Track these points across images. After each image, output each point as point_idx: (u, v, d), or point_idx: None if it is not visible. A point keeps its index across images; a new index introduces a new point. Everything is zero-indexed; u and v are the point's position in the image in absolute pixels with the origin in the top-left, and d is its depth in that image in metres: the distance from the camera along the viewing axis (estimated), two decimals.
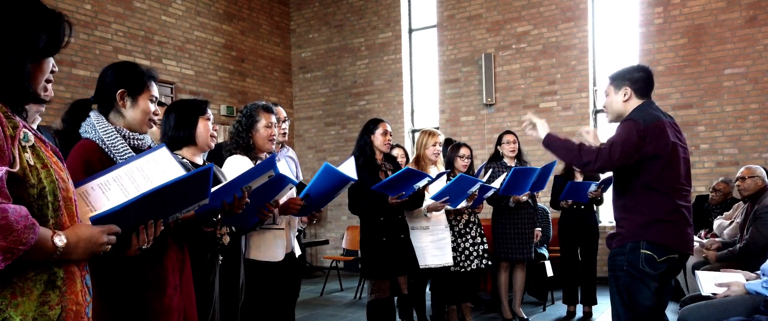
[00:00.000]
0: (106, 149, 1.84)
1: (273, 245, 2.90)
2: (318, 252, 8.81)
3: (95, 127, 1.87)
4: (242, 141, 2.86)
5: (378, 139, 3.85)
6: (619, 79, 2.77)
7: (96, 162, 1.79)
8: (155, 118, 2.01)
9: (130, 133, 1.92)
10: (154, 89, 1.99)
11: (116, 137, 1.87)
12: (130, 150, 1.88)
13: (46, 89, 1.42)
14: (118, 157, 1.84)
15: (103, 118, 1.91)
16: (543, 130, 2.87)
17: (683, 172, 2.66)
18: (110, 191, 1.62)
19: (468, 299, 4.77)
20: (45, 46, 1.34)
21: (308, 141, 9.06)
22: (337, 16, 8.81)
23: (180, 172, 1.72)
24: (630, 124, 2.62)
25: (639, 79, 2.73)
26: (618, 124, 2.75)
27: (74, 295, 1.33)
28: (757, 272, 3.20)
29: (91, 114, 1.92)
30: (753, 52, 6.38)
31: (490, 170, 4.80)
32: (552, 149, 2.82)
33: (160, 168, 1.72)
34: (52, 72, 1.43)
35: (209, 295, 2.39)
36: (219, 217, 2.16)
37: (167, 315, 1.89)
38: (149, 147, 1.98)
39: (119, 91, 1.90)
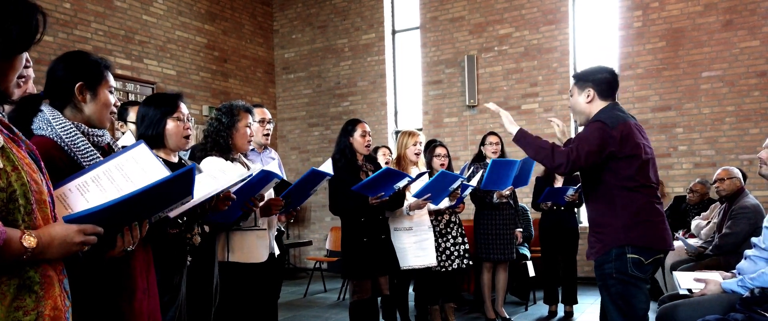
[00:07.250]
0: (66, 147, 1.70)
1: (256, 246, 2.89)
2: (301, 253, 8.78)
3: (51, 123, 1.71)
4: (222, 140, 2.78)
5: (357, 140, 3.84)
6: (582, 80, 2.71)
7: (58, 161, 1.65)
8: (115, 110, 1.89)
9: (89, 130, 1.78)
10: (111, 79, 1.86)
11: (76, 134, 1.72)
12: (92, 147, 1.74)
13: (19, 86, 1.30)
14: (80, 155, 1.70)
15: (59, 113, 1.75)
16: (510, 124, 2.74)
17: (651, 172, 2.67)
18: (89, 193, 1.55)
19: (451, 299, 4.80)
20: (16, 40, 1.24)
21: (291, 142, 9.02)
22: (321, 17, 8.80)
23: (161, 170, 1.65)
24: (597, 125, 2.59)
25: (603, 81, 2.67)
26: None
27: (52, 300, 1.27)
28: (733, 271, 3.27)
29: (44, 109, 1.74)
30: (729, 56, 6.50)
31: (472, 169, 4.84)
32: (522, 145, 2.70)
33: (139, 166, 1.65)
34: (26, 67, 1.31)
35: (174, 296, 2.29)
36: (185, 219, 2.08)
37: (137, 319, 1.82)
38: (108, 144, 1.87)
39: (77, 85, 1.76)
